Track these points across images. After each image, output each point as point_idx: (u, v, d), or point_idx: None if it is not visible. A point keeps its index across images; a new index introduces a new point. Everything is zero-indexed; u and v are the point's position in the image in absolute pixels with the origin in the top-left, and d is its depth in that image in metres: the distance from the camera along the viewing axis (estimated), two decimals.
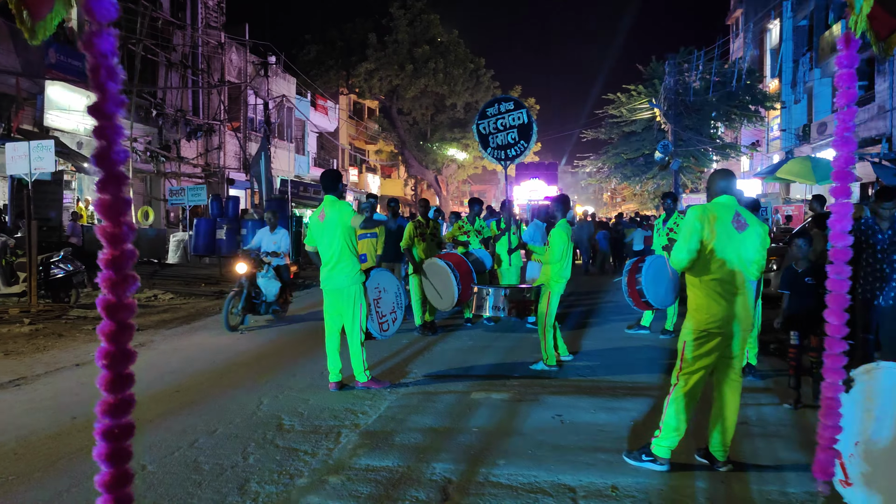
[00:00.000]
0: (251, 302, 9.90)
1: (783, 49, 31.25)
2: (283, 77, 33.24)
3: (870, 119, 24.05)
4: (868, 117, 24.11)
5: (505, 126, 10.62)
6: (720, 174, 4.60)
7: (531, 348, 8.53)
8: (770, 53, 34.16)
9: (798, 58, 29.75)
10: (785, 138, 30.87)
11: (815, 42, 28.40)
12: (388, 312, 6.82)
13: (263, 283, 9.97)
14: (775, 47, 33.25)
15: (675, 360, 7.91)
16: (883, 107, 23.15)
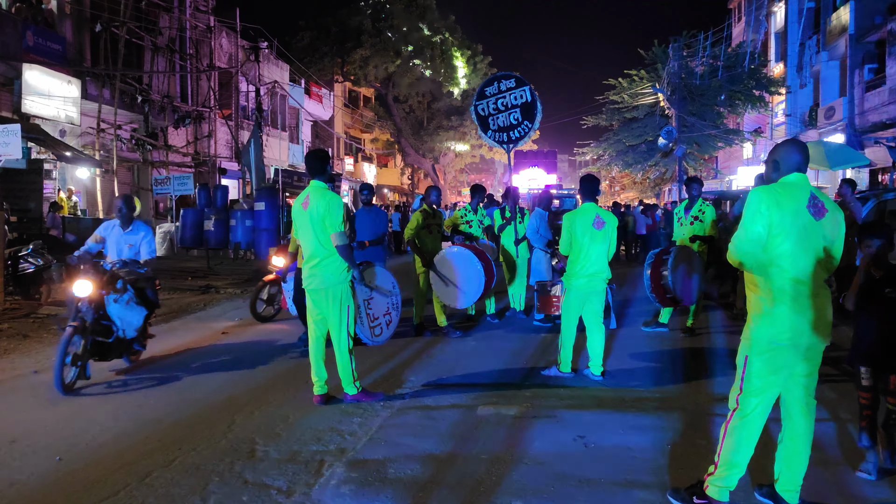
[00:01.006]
0: (97, 343, 6.36)
1: (789, 32, 30.26)
2: (276, 64, 32.19)
3: (881, 103, 23.14)
4: (879, 101, 23.21)
5: (506, 106, 9.69)
6: (791, 146, 3.67)
7: (540, 350, 7.65)
8: (775, 37, 33.18)
9: (804, 41, 28.79)
10: (790, 124, 29.93)
11: (822, 24, 27.43)
12: (382, 314, 5.92)
13: (117, 311, 6.41)
14: (780, 30, 32.27)
15: (703, 364, 7.11)
16: (894, 90, 22.23)
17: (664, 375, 6.59)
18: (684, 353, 7.52)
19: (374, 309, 5.81)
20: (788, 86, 29.73)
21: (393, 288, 6.05)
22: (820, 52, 27.62)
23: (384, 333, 5.92)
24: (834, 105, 26.23)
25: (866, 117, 24.03)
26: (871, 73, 24.49)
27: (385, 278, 6.01)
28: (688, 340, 8.11)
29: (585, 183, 6.57)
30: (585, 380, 6.37)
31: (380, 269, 6.08)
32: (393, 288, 6.05)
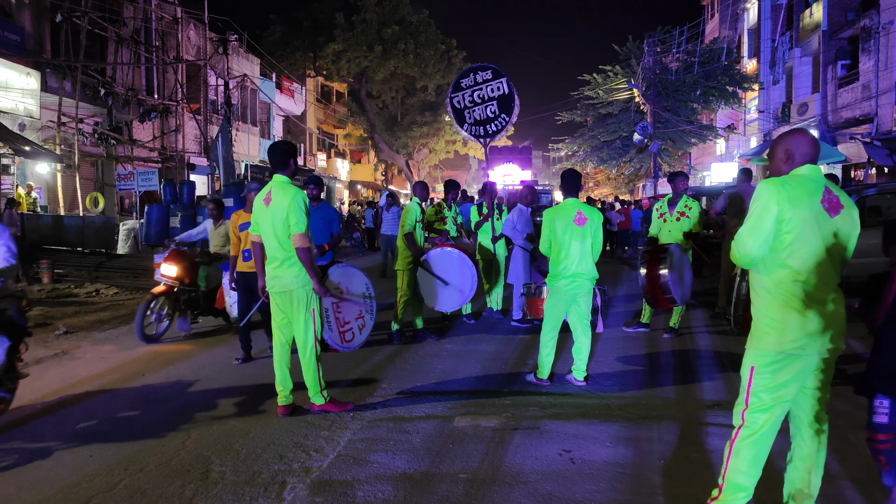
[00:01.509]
0: None
1: (762, 28, 30.25)
2: (246, 57, 31.45)
3: (854, 99, 23.14)
4: (852, 98, 23.21)
5: (483, 98, 9.30)
6: (803, 134, 3.31)
7: (518, 353, 7.28)
8: (748, 33, 33.19)
9: (777, 37, 28.76)
10: (763, 120, 29.94)
11: (795, 20, 27.43)
12: (354, 318, 5.49)
13: None
14: (753, 27, 32.27)
15: (689, 367, 6.79)
16: (868, 86, 22.23)
17: (650, 380, 6.25)
18: (669, 355, 7.19)
19: (344, 312, 5.37)
20: (761, 82, 29.73)
21: (367, 289, 5.62)
22: (793, 48, 27.61)
23: (356, 339, 5.49)
24: (807, 101, 26.24)
25: (839, 113, 24.03)
26: (843, 70, 24.49)
27: (357, 279, 5.58)
28: (671, 341, 7.79)
29: (567, 178, 6.20)
30: (568, 385, 6.01)
31: (352, 270, 5.63)
32: (367, 289, 5.62)
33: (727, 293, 9.23)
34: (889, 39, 21.18)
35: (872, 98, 21.86)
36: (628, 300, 10.97)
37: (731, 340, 7.74)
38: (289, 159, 5.09)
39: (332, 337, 5.26)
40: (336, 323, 5.29)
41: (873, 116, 21.69)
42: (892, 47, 21.12)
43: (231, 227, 6.97)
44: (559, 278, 5.93)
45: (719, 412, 5.18)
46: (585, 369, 6.04)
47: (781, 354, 3.18)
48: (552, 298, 6.00)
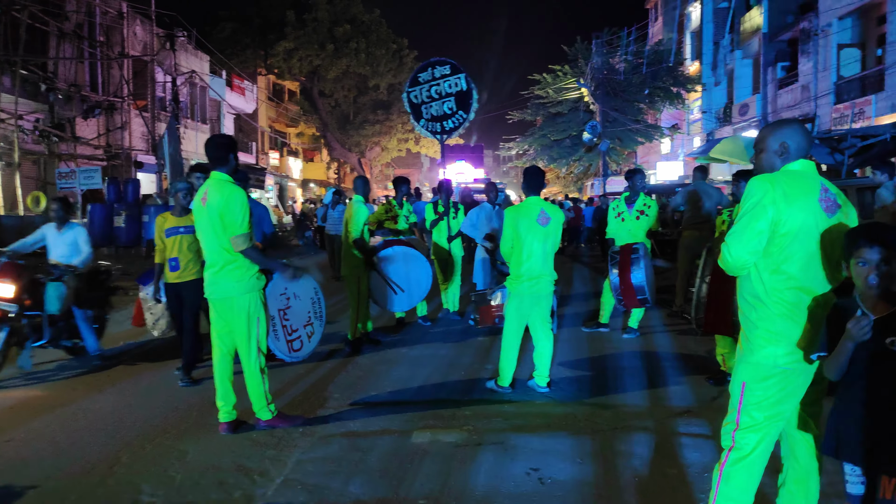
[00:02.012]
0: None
1: (704, 31, 30.50)
2: (195, 54, 30.32)
3: (793, 100, 23.42)
4: (792, 98, 23.48)
5: (440, 94, 8.86)
6: (797, 126, 2.94)
7: (478, 357, 6.85)
8: (690, 36, 33.46)
9: (719, 40, 29.03)
10: (706, 120, 30.20)
11: (736, 24, 27.68)
12: (302, 325, 4.98)
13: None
14: (696, 30, 32.54)
15: (655, 370, 6.44)
16: (807, 87, 22.49)
17: (615, 384, 5.88)
18: (631, 357, 6.85)
19: (292, 319, 4.86)
20: (704, 83, 29.97)
21: (315, 294, 5.11)
22: (734, 50, 27.88)
23: (304, 347, 4.98)
24: (748, 102, 26.50)
25: (779, 114, 24.29)
26: (783, 71, 24.78)
27: (305, 283, 5.06)
28: (633, 342, 7.46)
29: (531, 176, 5.74)
30: (530, 392, 5.60)
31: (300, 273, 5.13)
32: (315, 294, 5.11)
33: (684, 291, 8.99)
34: (828, 41, 21.44)
35: (812, 99, 22.12)
36: (583, 299, 10.66)
37: (691, 341, 7.45)
38: (227, 154, 4.55)
39: (279, 346, 4.75)
40: (283, 331, 4.78)
41: (813, 116, 21.94)
42: (831, 49, 21.38)
43: (156, 232, 6.00)
44: (522, 280, 5.51)
45: (691, 421, 4.85)
46: (548, 374, 5.64)
47: (776, 369, 2.81)
48: (514, 302, 5.57)
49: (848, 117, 20.23)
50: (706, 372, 6.04)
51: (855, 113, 19.68)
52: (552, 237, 5.57)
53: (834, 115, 20.89)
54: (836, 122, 20.61)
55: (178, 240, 5.86)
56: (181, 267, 5.78)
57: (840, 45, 21.48)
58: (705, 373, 6.03)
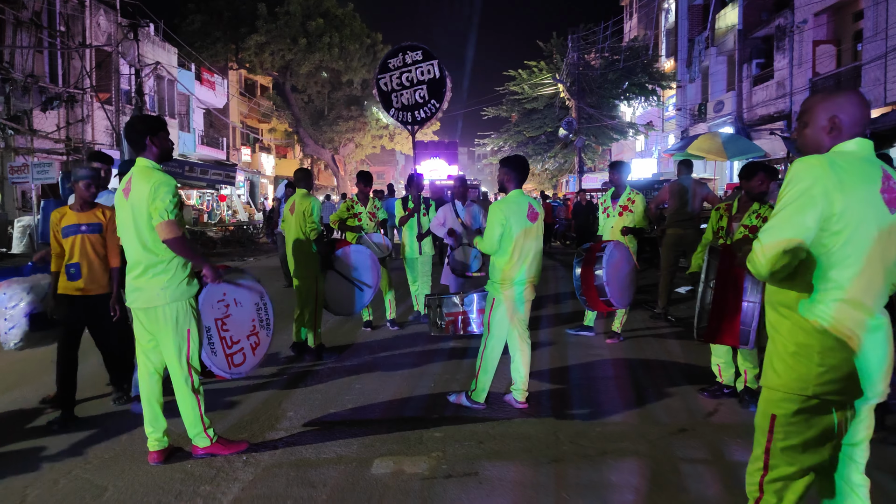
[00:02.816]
0: None
1: (679, 28, 30.13)
2: (163, 47, 29.28)
3: (768, 97, 23.09)
4: (767, 95, 23.15)
5: (412, 81, 8.18)
6: (850, 97, 2.33)
7: (448, 366, 6.20)
8: (665, 34, 33.10)
9: (693, 37, 28.65)
10: (680, 117, 29.86)
11: (711, 20, 27.32)
12: (245, 336, 4.27)
13: None
14: (671, 27, 32.18)
15: (642, 379, 5.85)
16: (783, 84, 22.16)
17: (599, 397, 5.27)
18: (616, 365, 6.26)
19: (232, 329, 4.16)
20: (679, 80, 29.62)
21: (260, 299, 4.41)
22: (709, 47, 27.52)
23: (248, 361, 4.27)
24: (723, 99, 26.16)
25: (754, 111, 23.97)
26: (758, 69, 24.46)
27: (248, 287, 4.36)
28: (617, 348, 6.87)
29: (515, 165, 4.99)
30: (506, 409, 4.97)
31: (243, 280, 4.41)
32: (260, 299, 4.41)
33: (667, 292, 8.44)
34: (803, 38, 21.12)
35: (787, 95, 21.80)
36: (561, 300, 10.07)
37: (678, 346, 6.89)
38: (144, 138, 3.83)
39: (217, 362, 4.05)
40: (221, 344, 4.08)
41: (789, 113, 21.62)
42: (807, 45, 21.06)
43: (51, 233, 4.81)
44: (514, 284, 4.86)
45: (688, 442, 4.25)
46: (526, 388, 5.02)
47: (814, 400, 2.22)
48: (501, 309, 4.90)
49: None
50: (699, 382, 5.47)
51: None
52: (541, 235, 4.98)
53: None
54: None
55: (77, 241, 4.67)
56: (83, 275, 4.68)
57: (816, 41, 21.17)
58: (698, 383, 5.46)
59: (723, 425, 4.58)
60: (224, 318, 4.10)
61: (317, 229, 6.34)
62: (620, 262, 6.30)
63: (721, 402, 5.03)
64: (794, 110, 21.56)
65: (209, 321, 4.01)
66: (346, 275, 6.71)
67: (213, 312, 4.04)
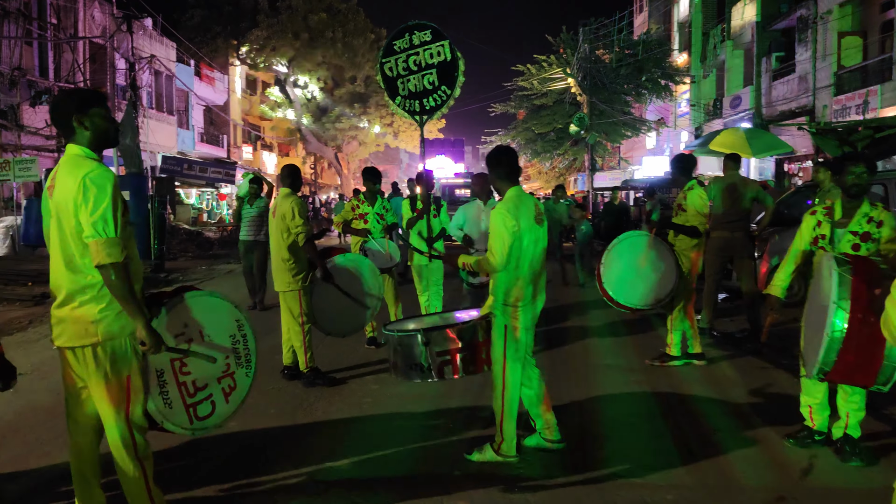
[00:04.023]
0: None
1: (692, 20, 29.04)
2: (160, 41, 28.29)
3: (789, 92, 22.01)
4: (788, 90, 22.06)
5: (419, 65, 7.14)
6: None
7: (470, 395, 5.18)
8: (678, 27, 32.01)
9: (708, 30, 27.59)
10: (694, 113, 28.79)
11: (727, 13, 26.24)
12: (216, 379, 3.24)
13: None
14: (683, 20, 31.10)
15: (707, 416, 4.76)
16: (805, 78, 21.08)
17: (659, 443, 4.24)
18: (666, 398, 5.22)
19: (195, 372, 3.14)
20: (692, 75, 28.55)
21: (237, 329, 3.39)
22: (724, 41, 26.45)
23: (218, 411, 3.24)
24: (740, 94, 25.08)
25: (774, 107, 22.89)
26: (778, 62, 23.37)
27: (221, 315, 3.33)
28: (659, 375, 5.84)
29: (504, 159, 4.02)
30: (543, 458, 3.96)
31: (214, 301, 3.38)
32: (237, 329, 3.39)
33: (713, 304, 7.43)
34: (827, 29, 20.04)
35: (810, 90, 20.73)
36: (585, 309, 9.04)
37: (736, 372, 5.87)
38: (70, 119, 2.80)
39: (173, 416, 3.04)
40: (180, 391, 3.06)
41: (812, 108, 20.55)
42: (831, 37, 19.99)
43: None
44: (529, 305, 3.88)
45: None
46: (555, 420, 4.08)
47: None
48: (516, 336, 3.88)
49: (850, 109, 18.85)
50: (778, 423, 4.44)
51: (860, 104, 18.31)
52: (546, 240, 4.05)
53: (835, 106, 19.50)
54: (838, 115, 19.23)
55: None
56: None
57: (841, 32, 20.09)
58: (774, 424, 4.44)
59: (829, 491, 3.57)
60: (183, 358, 3.08)
61: (304, 232, 5.35)
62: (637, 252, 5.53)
63: (814, 454, 4.00)
64: (817, 105, 20.49)
65: (162, 362, 3.00)
66: (343, 289, 5.70)
67: (170, 351, 3.02)
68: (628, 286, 5.89)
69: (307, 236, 5.37)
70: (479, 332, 4.02)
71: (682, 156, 6.30)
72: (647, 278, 5.87)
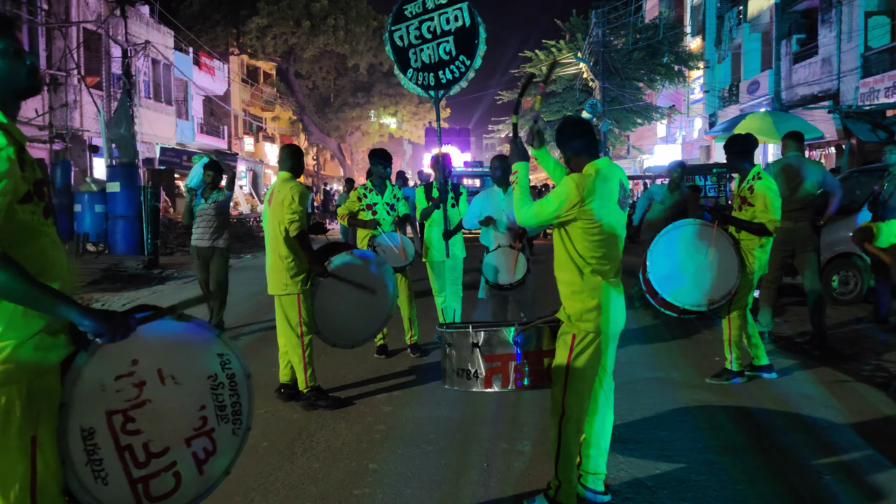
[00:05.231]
0: None
1: (707, 4, 27.94)
2: (158, 29, 27.30)
3: (811, 75, 20.97)
4: (810, 73, 21.02)
5: (434, 33, 6.20)
6: None
7: (501, 418, 4.26)
8: (691, 10, 30.90)
9: (723, 13, 26.47)
10: (708, 99, 27.72)
11: None
12: (182, 440, 2.28)
13: None
14: (697, 4, 30.00)
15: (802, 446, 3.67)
16: (828, 60, 20.05)
17: (753, 494, 3.33)
18: (742, 418, 4.31)
19: (150, 428, 2.20)
20: (707, 60, 27.46)
21: (221, 366, 2.42)
22: (741, 24, 25.36)
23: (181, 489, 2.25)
24: (758, 79, 24.02)
25: (795, 91, 21.86)
26: (798, 45, 22.31)
27: (192, 351, 2.38)
28: (726, 391, 4.92)
29: (579, 127, 3.19)
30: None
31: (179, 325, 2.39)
32: (221, 366, 2.42)
33: (773, 302, 6.49)
34: (853, 9, 19.00)
35: (834, 73, 19.69)
36: None
37: (814, 387, 4.95)
38: None
39: (108, 495, 2.11)
40: (121, 459, 2.13)
41: (836, 92, 19.53)
42: (857, 17, 18.95)
43: None
44: (607, 311, 3.00)
45: None
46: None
47: None
48: (589, 353, 3.00)
49: (879, 92, 17.83)
50: (880, 443, 3.53)
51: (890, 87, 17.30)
52: None
53: (862, 89, 18.47)
54: (865, 98, 18.21)
55: None
56: None
57: (867, 12, 19.05)
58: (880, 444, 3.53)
59: None
60: (131, 409, 2.16)
61: (297, 222, 4.44)
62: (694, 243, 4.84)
63: None
64: (842, 89, 19.47)
65: (94, 416, 2.08)
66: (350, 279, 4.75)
67: (107, 398, 2.11)
68: (678, 282, 5.00)
69: (301, 228, 4.45)
70: (542, 339, 3.15)
71: (740, 136, 5.32)
72: (702, 275, 4.98)
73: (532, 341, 3.16)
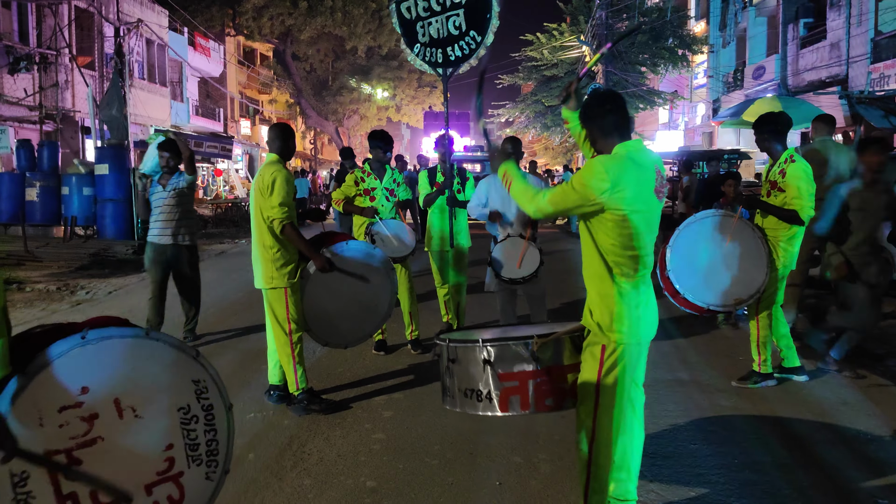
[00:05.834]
0: None
1: None
2: (151, 8, 26.63)
3: (819, 60, 20.48)
4: (818, 58, 20.53)
5: (443, 5, 5.74)
6: None
7: (510, 426, 3.86)
8: None
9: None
10: (712, 84, 27.22)
11: None
12: (142, 486, 1.88)
13: None
14: None
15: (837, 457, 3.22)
16: (837, 45, 19.56)
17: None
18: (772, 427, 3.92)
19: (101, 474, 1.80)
20: (711, 44, 26.93)
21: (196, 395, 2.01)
22: (746, 7, 24.82)
23: None
24: (764, 64, 23.52)
25: (802, 76, 21.38)
26: (806, 29, 21.80)
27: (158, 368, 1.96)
28: (756, 396, 4.53)
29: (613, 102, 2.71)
30: None
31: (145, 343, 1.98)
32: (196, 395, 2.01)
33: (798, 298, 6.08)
34: None
35: (843, 58, 19.21)
36: None
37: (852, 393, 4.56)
38: None
39: None
40: None
41: (844, 78, 19.06)
42: (867, 0, 18.44)
43: None
44: (638, 319, 2.60)
45: None
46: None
47: None
48: (620, 368, 2.60)
49: (890, 77, 17.38)
50: None
51: None
52: None
53: (873, 75, 18.01)
54: (876, 84, 17.75)
55: None
56: None
57: None
58: None
59: None
60: (78, 447, 1.74)
61: (279, 217, 4.01)
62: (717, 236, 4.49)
63: None
64: (851, 74, 19.00)
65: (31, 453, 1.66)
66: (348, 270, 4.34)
67: (46, 435, 1.69)
68: (701, 280, 4.60)
69: (285, 222, 4.01)
70: (563, 351, 2.72)
71: (773, 114, 4.89)
72: (727, 271, 4.59)
73: (553, 354, 2.73)
